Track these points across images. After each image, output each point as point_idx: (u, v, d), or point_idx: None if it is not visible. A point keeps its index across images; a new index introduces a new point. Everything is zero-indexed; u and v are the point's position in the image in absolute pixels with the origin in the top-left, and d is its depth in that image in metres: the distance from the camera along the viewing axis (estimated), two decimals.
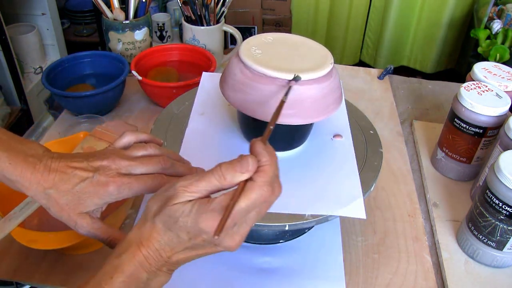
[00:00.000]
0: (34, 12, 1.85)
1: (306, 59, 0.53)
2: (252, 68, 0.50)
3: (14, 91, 1.63)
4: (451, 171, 0.73)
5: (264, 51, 0.53)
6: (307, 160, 0.58)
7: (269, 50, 0.54)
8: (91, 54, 0.89)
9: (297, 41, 0.58)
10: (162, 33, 1.41)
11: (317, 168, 0.56)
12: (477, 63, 0.74)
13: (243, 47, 0.53)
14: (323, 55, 0.54)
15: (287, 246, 0.61)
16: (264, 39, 0.56)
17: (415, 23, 2.31)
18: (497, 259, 0.58)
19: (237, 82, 0.52)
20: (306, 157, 0.58)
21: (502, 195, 0.53)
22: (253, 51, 0.53)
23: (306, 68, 0.51)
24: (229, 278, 0.57)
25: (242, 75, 0.51)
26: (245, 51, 0.52)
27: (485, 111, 0.64)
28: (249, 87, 0.50)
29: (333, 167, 0.56)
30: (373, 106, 0.91)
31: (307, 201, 0.51)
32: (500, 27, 1.69)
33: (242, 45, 0.54)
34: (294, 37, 0.58)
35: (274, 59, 0.52)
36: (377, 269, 0.59)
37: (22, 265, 0.57)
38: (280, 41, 0.57)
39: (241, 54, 0.52)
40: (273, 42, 0.56)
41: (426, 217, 0.68)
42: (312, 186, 0.53)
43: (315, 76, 0.50)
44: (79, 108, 0.81)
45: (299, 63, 0.52)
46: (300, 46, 0.56)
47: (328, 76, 0.52)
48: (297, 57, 0.53)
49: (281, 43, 0.56)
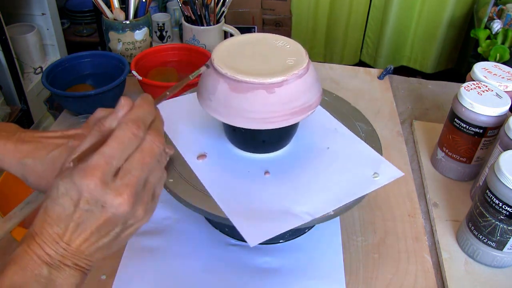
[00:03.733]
0: (34, 12, 1.85)
1: (281, 58, 0.52)
2: (224, 74, 0.50)
3: (14, 91, 1.63)
4: (451, 171, 0.73)
5: (233, 56, 0.52)
6: (309, 156, 0.58)
7: (238, 54, 0.53)
8: (91, 54, 0.89)
9: (265, 39, 0.56)
10: (162, 33, 1.41)
11: (328, 160, 0.57)
12: (477, 63, 0.74)
13: (213, 55, 0.53)
14: (295, 51, 0.53)
15: (287, 246, 0.61)
16: (229, 44, 0.55)
17: (415, 23, 2.31)
18: (497, 259, 0.58)
19: (209, 92, 0.52)
20: (306, 154, 0.58)
21: (502, 195, 0.53)
22: (223, 57, 0.52)
23: (279, 70, 0.50)
24: (229, 278, 0.57)
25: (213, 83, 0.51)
26: (217, 59, 0.52)
27: (485, 111, 0.64)
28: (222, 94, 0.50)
29: (340, 153, 0.58)
30: (373, 106, 0.91)
31: (335, 194, 0.52)
32: (500, 27, 1.69)
33: (213, 53, 0.53)
34: (261, 36, 0.57)
35: (242, 62, 0.51)
36: (377, 269, 0.59)
37: None
38: (247, 42, 0.56)
39: (214, 61, 0.52)
40: (240, 44, 0.55)
41: (426, 217, 0.68)
42: (332, 177, 0.54)
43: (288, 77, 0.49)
44: (79, 108, 0.81)
45: (273, 63, 0.51)
46: (270, 45, 0.55)
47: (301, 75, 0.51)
48: (270, 57, 0.52)
49: (249, 44, 0.55)
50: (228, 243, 0.61)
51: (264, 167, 0.56)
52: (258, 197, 0.52)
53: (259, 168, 0.56)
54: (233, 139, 0.58)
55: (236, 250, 0.60)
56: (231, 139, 0.58)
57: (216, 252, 0.59)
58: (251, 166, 0.56)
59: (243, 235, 0.46)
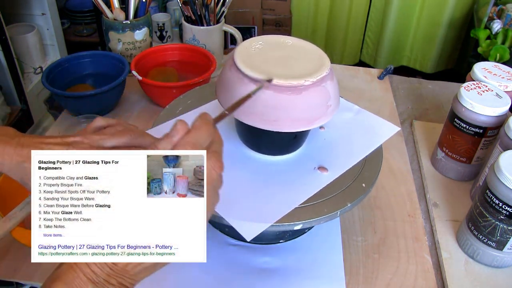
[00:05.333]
0: (34, 12, 1.85)
1: (302, 63, 0.52)
2: (246, 73, 0.50)
3: (14, 91, 1.63)
4: (451, 171, 0.73)
5: (258, 56, 0.53)
6: None
7: (263, 55, 0.53)
8: (91, 54, 0.89)
9: (291, 43, 0.57)
10: (162, 33, 1.41)
11: None
12: (477, 63, 0.74)
13: (238, 52, 0.53)
14: (319, 57, 0.54)
15: (287, 246, 0.61)
16: (256, 44, 0.55)
17: (415, 23, 2.31)
18: (497, 259, 0.58)
19: (230, 87, 0.51)
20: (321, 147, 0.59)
21: (502, 195, 0.53)
22: (247, 55, 0.52)
23: (301, 74, 0.50)
24: (229, 278, 0.57)
25: (235, 79, 0.51)
26: (240, 56, 0.52)
27: (485, 111, 0.64)
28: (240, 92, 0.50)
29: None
30: (373, 106, 0.91)
31: None
32: (500, 27, 1.69)
33: (237, 50, 0.53)
34: (286, 39, 0.57)
35: (268, 64, 0.51)
36: (377, 269, 0.59)
37: (22, 265, 0.57)
38: (272, 44, 0.56)
39: (236, 59, 0.51)
40: (265, 46, 0.55)
41: (426, 217, 0.68)
42: None
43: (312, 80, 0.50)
44: (79, 108, 0.81)
45: (295, 68, 0.51)
46: (294, 49, 0.55)
47: (325, 80, 0.51)
48: (292, 61, 0.53)
49: (274, 47, 0.55)
50: (228, 243, 0.61)
51: (269, 166, 0.56)
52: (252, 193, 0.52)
53: (266, 168, 0.56)
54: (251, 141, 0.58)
55: (236, 250, 0.60)
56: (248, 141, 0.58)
57: (216, 252, 0.59)
58: (257, 166, 0.57)
59: (238, 231, 0.47)
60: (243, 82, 0.50)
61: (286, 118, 0.50)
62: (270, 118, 0.49)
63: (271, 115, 0.49)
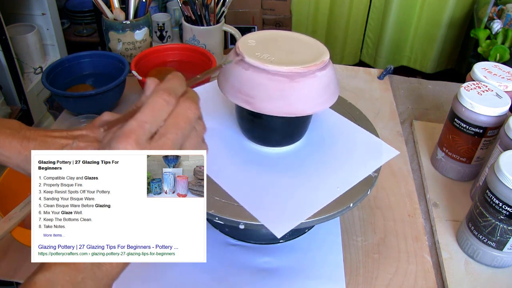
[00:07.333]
0: (34, 12, 1.85)
1: (303, 52, 0.53)
2: (250, 63, 0.50)
3: (14, 91, 1.63)
4: (451, 171, 0.73)
5: (261, 46, 0.53)
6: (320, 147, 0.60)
7: (267, 45, 0.54)
8: (91, 54, 0.89)
9: (291, 36, 0.58)
10: (162, 33, 1.41)
11: (335, 150, 0.59)
12: (477, 63, 0.74)
13: (241, 43, 0.54)
14: (318, 48, 0.55)
15: (287, 246, 0.61)
16: (258, 36, 0.56)
17: (415, 23, 2.31)
18: (497, 259, 0.58)
19: (235, 77, 0.52)
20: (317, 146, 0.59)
21: (502, 195, 0.53)
22: (250, 45, 0.53)
23: (303, 60, 0.51)
24: (229, 278, 0.57)
25: (240, 70, 0.51)
26: (243, 47, 0.53)
27: (485, 111, 0.64)
28: (247, 80, 0.51)
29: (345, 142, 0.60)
30: (373, 106, 0.91)
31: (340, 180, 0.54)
32: (500, 27, 1.69)
33: (240, 42, 0.54)
34: (287, 33, 0.58)
35: (271, 52, 0.52)
36: (377, 269, 0.59)
37: (22, 265, 0.57)
38: (275, 37, 0.57)
39: (240, 49, 0.52)
40: (270, 38, 0.56)
41: (426, 217, 0.68)
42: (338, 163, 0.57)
43: (311, 68, 0.50)
44: (79, 108, 0.81)
45: (297, 55, 0.52)
46: (295, 41, 0.57)
47: (323, 69, 0.52)
48: (295, 50, 0.54)
49: (276, 39, 0.56)
50: (228, 243, 0.61)
51: (274, 160, 0.57)
52: (274, 189, 0.52)
53: (270, 161, 0.57)
54: (250, 131, 0.58)
55: (236, 250, 0.60)
56: (248, 131, 0.59)
57: (215, 252, 0.59)
58: (261, 159, 0.57)
59: (268, 227, 0.47)
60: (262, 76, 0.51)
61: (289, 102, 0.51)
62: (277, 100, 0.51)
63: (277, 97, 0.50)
